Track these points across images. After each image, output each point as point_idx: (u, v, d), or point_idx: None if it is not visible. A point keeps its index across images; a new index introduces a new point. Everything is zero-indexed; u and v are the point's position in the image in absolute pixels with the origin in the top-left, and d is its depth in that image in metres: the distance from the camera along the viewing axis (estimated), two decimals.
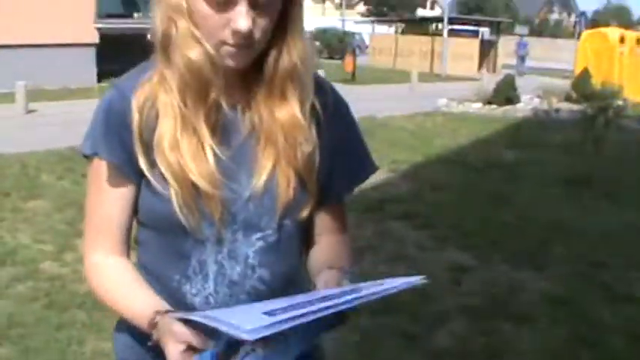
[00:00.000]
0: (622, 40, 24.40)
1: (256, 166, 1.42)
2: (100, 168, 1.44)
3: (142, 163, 1.38)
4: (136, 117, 1.38)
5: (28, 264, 5.56)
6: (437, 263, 6.02)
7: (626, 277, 5.86)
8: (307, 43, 1.44)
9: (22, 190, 7.84)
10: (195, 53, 1.34)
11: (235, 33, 1.31)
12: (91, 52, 21.26)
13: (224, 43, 1.33)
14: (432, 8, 72.63)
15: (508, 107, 17.96)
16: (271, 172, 1.42)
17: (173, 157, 1.36)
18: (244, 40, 1.32)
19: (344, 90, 1.66)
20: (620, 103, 15.49)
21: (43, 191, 7.87)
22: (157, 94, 1.39)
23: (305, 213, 1.48)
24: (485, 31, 41.49)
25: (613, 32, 25.52)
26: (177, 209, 1.37)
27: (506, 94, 18.38)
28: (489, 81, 21.10)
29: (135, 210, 1.47)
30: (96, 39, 21.53)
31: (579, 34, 30.48)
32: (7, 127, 12.76)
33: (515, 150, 11.79)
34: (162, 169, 1.37)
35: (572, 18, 71.06)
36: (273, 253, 1.45)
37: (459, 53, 32.97)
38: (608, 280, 5.77)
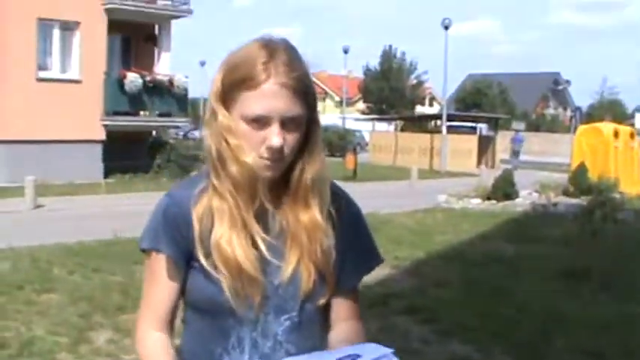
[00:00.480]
0: (616, 134, 24.86)
1: (284, 260, 1.72)
2: (157, 260, 1.76)
3: (200, 256, 1.70)
4: (197, 226, 1.69)
5: (45, 355, 5.73)
6: (441, 356, 6.18)
7: None
8: (324, 158, 1.76)
9: (35, 283, 8.04)
10: (243, 168, 1.66)
11: (269, 148, 1.63)
12: (98, 149, 21.67)
13: (261, 157, 1.64)
14: (430, 105, 73.82)
15: (507, 202, 18.25)
16: (296, 266, 1.72)
17: (229, 250, 1.66)
18: (277, 155, 1.63)
19: (346, 187, 1.94)
20: (616, 196, 15.77)
21: (56, 285, 8.07)
22: (212, 203, 1.70)
23: (323, 300, 1.78)
24: (483, 127, 42.22)
25: (607, 127, 26.00)
26: (227, 292, 1.67)
27: (504, 189, 18.71)
28: (488, 176, 21.45)
29: (181, 295, 1.79)
30: (102, 136, 21.99)
31: (575, 129, 31.02)
32: (17, 220, 13.01)
33: (515, 244, 12.00)
34: (218, 261, 1.67)
35: (568, 112, 72.17)
36: (297, 331, 1.75)
37: (458, 149, 33.48)
38: None
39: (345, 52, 47.18)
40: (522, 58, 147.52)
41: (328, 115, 51.85)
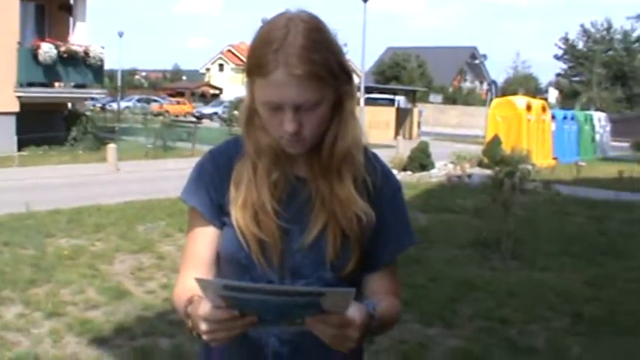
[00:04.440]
0: (529, 107, 25.52)
1: (308, 227, 1.74)
2: (190, 212, 1.84)
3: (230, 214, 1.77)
4: (232, 190, 1.76)
5: None
6: None
7: (528, 331, 6.27)
8: (359, 127, 1.78)
9: None
10: (264, 142, 1.72)
11: (285, 132, 1.64)
12: (11, 121, 21.13)
13: (281, 137, 1.67)
14: None
15: (423, 173, 18.59)
16: (319, 233, 1.73)
17: (241, 214, 1.72)
18: (294, 137, 1.65)
19: None
20: (527, 167, 16.19)
21: None
22: (241, 169, 1.76)
23: (345, 270, 1.75)
24: (401, 99, 42.71)
25: (520, 100, 26.66)
26: (244, 251, 1.72)
27: (420, 160, 19.03)
28: (405, 148, 21.75)
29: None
30: (16, 107, 21.45)
31: (490, 102, 31.65)
32: None
33: (429, 214, 12.28)
34: (233, 222, 1.73)
35: (484, 86, 73.50)
36: None
37: (376, 121, 33.81)
38: (512, 334, 6.17)
39: (263, 22, 46.77)
40: (441, 33, 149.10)
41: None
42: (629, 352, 5.95)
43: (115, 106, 47.95)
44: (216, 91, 73.54)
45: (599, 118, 33.73)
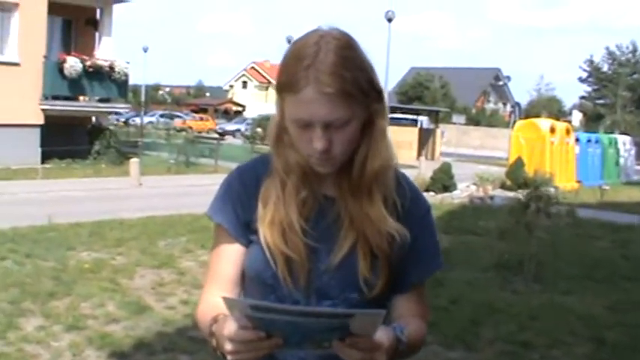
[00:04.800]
0: (552, 130, 25.37)
1: (336, 246, 1.71)
2: (216, 229, 1.82)
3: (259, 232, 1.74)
4: (260, 208, 1.73)
5: None
6: None
7: (550, 356, 6.19)
8: (390, 147, 1.75)
9: None
10: (294, 159, 1.69)
11: (315, 150, 1.62)
12: (36, 134, 21.29)
13: (310, 156, 1.65)
14: None
15: (445, 194, 18.50)
16: (348, 254, 1.70)
17: (269, 232, 1.69)
18: (324, 155, 1.63)
19: None
20: (551, 190, 16.08)
21: None
22: (270, 187, 1.74)
23: (374, 292, 1.72)
24: (424, 119, 42.67)
25: (544, 123, 26.52)
26: (271, 270, 1.69)
27: (443, 181, 18.95)
28: (427, 168, 21.69)
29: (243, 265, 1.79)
30: (41, 120, 21.62)
31: (514, 124, 31.52)
32: None
33: (452, 235, 12.19)
34: (263, 242, 1.70)
35: (508, 108, 73.38)
36: None
37: (399, 141, 33.73)
38: (534, 358, 6.09)
39: (289, 42, 47.06)
40: (465, 54, 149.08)
41: (271, 104, 51.68)
42: None
43: (138, 120, 48.18)
44: (239, 108, 73.79)
45: (624, 141, 33.45)
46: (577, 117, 63.94)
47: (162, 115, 55.14)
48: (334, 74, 1.56)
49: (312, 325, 1.41)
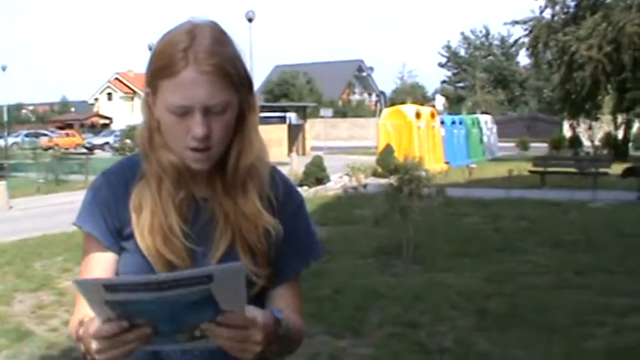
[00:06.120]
0: (418, 115, 26.04)
1: (212, 247, 1.68)
2: (87, 238, 1.73)
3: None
4: (133, 216, 1.67)
5: None
6: None
7: (436, 332, 6.36)
8: (262, 142, 1.72)
9: None
10: (167, 159, 1.64)
11: (194, 138, 1.57)
12: None
13: (188, 148, 1.60)
14: None
15: (319, 187, 18.68)
16: (225, 254, 1.67)
17: (150, 239, 1.63)
18: (203, 144, 1.58)
19: None
20: (421, 173, 16.48)
21: None
22: (143, 192, 1.68)
23: (256, 288, 1.69)
24: (292, 116, 42.93)
25: (410, 109, 27.18)
26: (151, 273, 1.61)
27: (315, 175, 19.14)
28: (300, 164, 21.83)
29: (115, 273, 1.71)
30: None
31: (380, 112, 32.14)
32: None
33: (329, 227, 12.31)
34: (142, 248, 1.64)
35: (373, 97, 74.68)
36: None
37: (268, 139, 33.43)
38: (421, 336, 6.24)
39: (150, 49, 46.45)
40: (327, 49, 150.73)
41: (137, 114, 50.86)
42: (534, 342, 6.10)
43: (2, 142, 46.39)
44: (106, 121, 72.10)
45: (486, 120, 34.73)
46: (440, 101, 65.70)
47: (27, 135, 53.21)
48: (213, 53, 1.55)
49: (176, 299, 1.33)
